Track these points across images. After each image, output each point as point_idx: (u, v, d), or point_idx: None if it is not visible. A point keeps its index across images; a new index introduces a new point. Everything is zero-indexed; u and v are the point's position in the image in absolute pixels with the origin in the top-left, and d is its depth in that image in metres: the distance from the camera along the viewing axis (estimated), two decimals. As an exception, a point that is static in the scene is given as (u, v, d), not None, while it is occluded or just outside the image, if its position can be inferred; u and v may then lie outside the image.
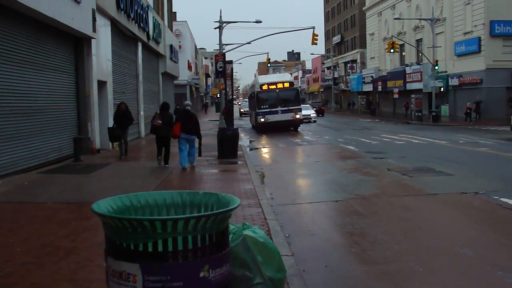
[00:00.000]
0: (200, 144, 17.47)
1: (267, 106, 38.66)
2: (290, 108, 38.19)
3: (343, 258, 8.11)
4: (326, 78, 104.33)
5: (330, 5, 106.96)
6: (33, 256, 7.50)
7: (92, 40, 21.12)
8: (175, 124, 17.00)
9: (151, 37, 33.72)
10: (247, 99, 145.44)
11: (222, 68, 32.30)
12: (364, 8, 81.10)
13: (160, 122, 17.27)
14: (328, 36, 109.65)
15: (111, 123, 22.65)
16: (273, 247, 4.95)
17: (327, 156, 22.86)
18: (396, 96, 60.20)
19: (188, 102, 18.75)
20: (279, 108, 38.19)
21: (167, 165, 17.64)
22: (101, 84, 22.88)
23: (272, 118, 38.16)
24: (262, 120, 38.47)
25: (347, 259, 8.05)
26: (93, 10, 20.62)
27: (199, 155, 17.72)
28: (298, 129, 40.02)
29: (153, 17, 34.49)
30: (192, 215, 4.14)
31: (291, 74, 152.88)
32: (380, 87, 69.84)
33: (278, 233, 8.90)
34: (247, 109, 73.55)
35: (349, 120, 57.45)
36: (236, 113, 54.61)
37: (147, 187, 13.05)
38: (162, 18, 41.04)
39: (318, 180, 15.91)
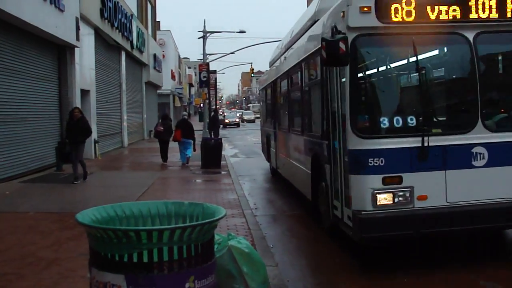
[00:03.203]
0: (194, 144, 21.23)
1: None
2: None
3: (327, 269, 8.09)
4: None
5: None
6: (14, 266, 7.41)
7: (76, 48, 21.03)
8: (175, 131, 21.39)
9: (134, 46, 33.64)
10: (233, 109, 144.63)
11: (206, 77, 32.33)
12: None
13: (162, 128, 22.06)
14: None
15: (94, 133, 22.53)
16: (258, 258, 4.94)
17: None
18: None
19: (185, 113, 24.93)
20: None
21: (165, 163, 21.92)
22: (84, 93, 22.75)
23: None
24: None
25: (330, 270, 8.04)
26: (76, 18, 20.54)
27: (194, 150, 21.32)
28: None
29: (137, 26, 34.43)
30: (178, 226, 4.13)
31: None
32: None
33: (262, 243, 8.89)
34: (232, 119, 73.24)
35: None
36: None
37: (131, 197, 12.96)
38: (146, 27, 40.97)
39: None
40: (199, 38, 39.46)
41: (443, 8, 7.31)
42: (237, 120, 73.30)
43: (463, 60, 7.78)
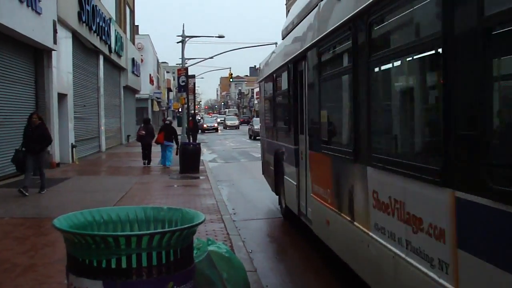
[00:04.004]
0: (177, 148, 21.97)
1: None
2: None
3: (306, 274, 8.09)
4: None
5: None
6: (-11, 272, 7.29)
7: (53, 52, 20.83)
8: (158, 134, 22.27)
9: (113, 50, 33.43)
10: (212, 114, 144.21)
11: (185, 82, 32.23)
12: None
13: (143, 132, 22.93)
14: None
15: (72, 137, 22.32)
16: (239, 263, 4.92)
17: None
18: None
19: (170, 118, 23.83)
20: None
21: (149, 165, 22.88)
22: (61, 96, 22.53)
23: None
24: None
25: (309, 275, 8.04)
26: (54, 21, 20.35)
27: (176, 154, 21.75)
28: (258, 144, 40.09)
29: (115, 30, 34.22)
30: (157, 231, 4.09)
31: (252, 89, 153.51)
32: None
33: (241, 248, 8.88)
34: (211, 124, 72.90)
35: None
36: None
37: (109, 202, 12.86)
38: (124, 31, 40.76)
39: (281, 195, 15.88)
40: (178, 42, 39.29)
41: None
42: (216, 125, 73.06)
43: None
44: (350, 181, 6.37)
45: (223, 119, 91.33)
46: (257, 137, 43.24)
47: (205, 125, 69.60)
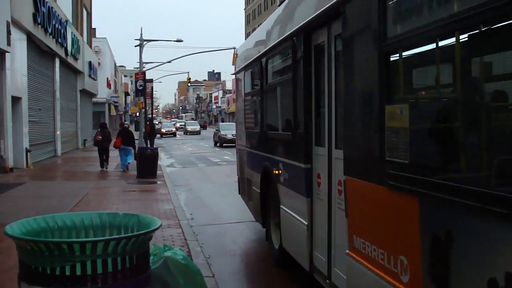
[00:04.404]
0: (135, 152, 21.81)
1: None
2: None
3: (265, 279, 8.10)
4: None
5: (251, 26, 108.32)
6: None
7: (6, 54, 20.39)
8: (116, 138, 22.44)
9: (69, 53, 32.94)
10: (171, 119, 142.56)
11: (142, 86, 31.99)
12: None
13: (100, 137, 22.91)
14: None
15: (26, 142, 21.89)
16: (195, 268, 4.89)
17: (247, 176, 22.90)
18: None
19: (127, 122, 23.88)
20: None
21: (107, 169, 22.94)
22: (16, 100, 22.07)
23: None
24: None
25: (268, 280, 8.06)
26: (7, 22, 19.94)
27: (134, 158, 21.46)
28: (217, 149, 40.01)
29: (72, 32, 33.72)
30: (112, 237, 4.04)
31: (211, 94, 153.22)
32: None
33: (198, 254, 8.84)
34: (169, 128, 72.28)
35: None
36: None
37: (64, 208, 12.65)
38: (81, 34, 40.21)
39: (239, 200, 15.86)
40: (135, 46, 38.98)
41: None
42: (174, 129, 72.57)
43: None
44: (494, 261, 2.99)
45: (183, 124, 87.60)
46: (225, 144, 42.29)
47: (163, 130, 69.15)
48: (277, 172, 7.96)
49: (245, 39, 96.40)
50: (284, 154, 7.66)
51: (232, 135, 41.19)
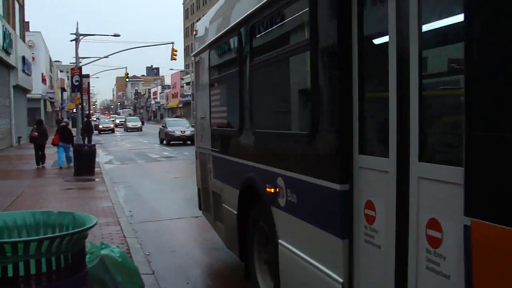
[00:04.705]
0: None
1: None
2: None
3: (204, 274, 8.10)
4: (185, 93, 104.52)
5: (189, 21, 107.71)
6: None
7: None
8: (54, 135, 22.42)
9: (1, 47, 31.92)
10: (110, 115, 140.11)
11: (79, 82, 31.33)
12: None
13: (36, 134, 22.89)
14: (187, 51, 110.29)
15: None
16: (132, 266, 4.84)
17: (187, 172, 22.76)
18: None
19: (66, 120, 24.38)
20: None
21: (43, 165, 22.83)
22: None
23: None
24: None
25: (208, 275, 8.06)
26: None
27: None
28: (157, 145, 39.59)
29: (3, 25, 32.67)
30: (46, 236, 3.95)
31: (149, 89, 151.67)
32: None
33: (138, 251, 8.75)
34: (107, 125, 70.96)
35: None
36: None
37: (-4, 207, 12.29)
38: (14, 28, 39.00)
39: (178, 196, 15.82)
40: (71, 40, 38.08)
41: None
42: (112, 125, 71.37)
43: None
44: None
45: (123, 120, 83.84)
46: (173, 142, 40.18)
47: (100, 126, 67.97)
48: (272, 190, 5.37)
49: (184, 34, 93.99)
50: (291, 165, 5.01)
51: (181, 132, 40.03)
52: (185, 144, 39.00)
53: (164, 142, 41.95)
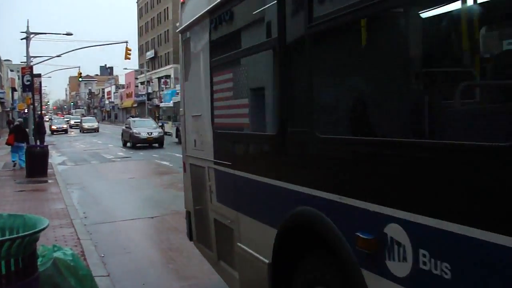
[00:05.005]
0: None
1: None
2: None
3: (161, 275, 8.03)
4: (140, 93, 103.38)
5: (143, 20, 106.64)
6: None
7: None
8: (9, 135, 22.73)
9: None
10: (64, 115, 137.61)
11: (30, 81, 30.66)
12: (177, 30, 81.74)
13: None
14: (142, 51, 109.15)
15: None
16: (85, 269, 4.76)
17: (142, 172, 22.62)
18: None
19: (20, 119, 25.44)
20: None
21: None
22: None
23: None
24: None
25: (164, 276, 7.99)
26: None
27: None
28: (110, 145, 39.02)
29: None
30: (-5, 240, 3.84)
31: (103, 89, 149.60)
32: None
33: (92, 253, 8.63)
34: (60, 125, 69.41)
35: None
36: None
37: None
38: (-39, 27, 37.99)
39: (133, 197, 15.66)
40: (22, 39, 37.28)
41: None
42: (65, 126, 70.01)
43: None
44: None
45: (78, 121, 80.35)
46: (139, 145, 36.28)
47: (53, 127, 66.63)
48: (372, 243, 2.99)
49: (138, 33, 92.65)
50: (435, 205, 2.55)
51: (148, 133, 36.25)
52: (151, 147, 36.14)
53: (128, 144, 37.77)
